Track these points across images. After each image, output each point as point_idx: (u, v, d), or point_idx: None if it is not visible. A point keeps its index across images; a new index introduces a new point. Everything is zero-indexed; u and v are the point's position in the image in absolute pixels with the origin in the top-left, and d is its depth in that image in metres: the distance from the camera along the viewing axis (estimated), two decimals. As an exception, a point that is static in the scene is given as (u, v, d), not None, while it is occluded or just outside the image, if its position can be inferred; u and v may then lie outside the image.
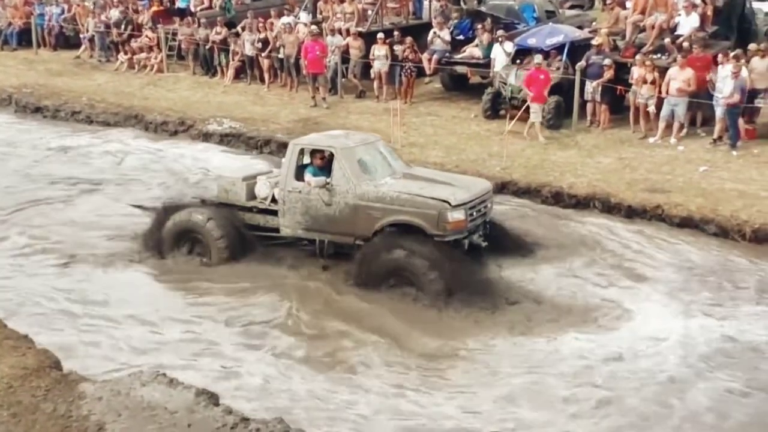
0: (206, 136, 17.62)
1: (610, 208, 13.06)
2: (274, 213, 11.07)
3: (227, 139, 17.38)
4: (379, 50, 18.93)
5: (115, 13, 24.17)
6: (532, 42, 17.64)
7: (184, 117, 18.44)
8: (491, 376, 8.72)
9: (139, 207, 13.00)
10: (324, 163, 10.84)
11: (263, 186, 11.28)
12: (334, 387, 8.48)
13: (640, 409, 8.08)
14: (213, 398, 7.29)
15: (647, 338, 9.29)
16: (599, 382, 8.51)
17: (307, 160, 11.04)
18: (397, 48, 18.99)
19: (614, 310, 9.99)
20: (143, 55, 23.19)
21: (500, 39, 17.98)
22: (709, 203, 12.67)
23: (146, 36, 23.35)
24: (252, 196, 11.33)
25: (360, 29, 20.06)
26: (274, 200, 11.13)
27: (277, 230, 11.09)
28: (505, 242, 11.28)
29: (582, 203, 13.30)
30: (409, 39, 18.96)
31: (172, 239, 11.29)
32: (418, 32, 19.86)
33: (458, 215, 10.20)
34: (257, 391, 8.38)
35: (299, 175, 10.85)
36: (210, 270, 11.00)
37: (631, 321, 9.72)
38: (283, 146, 16.36)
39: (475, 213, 10.55)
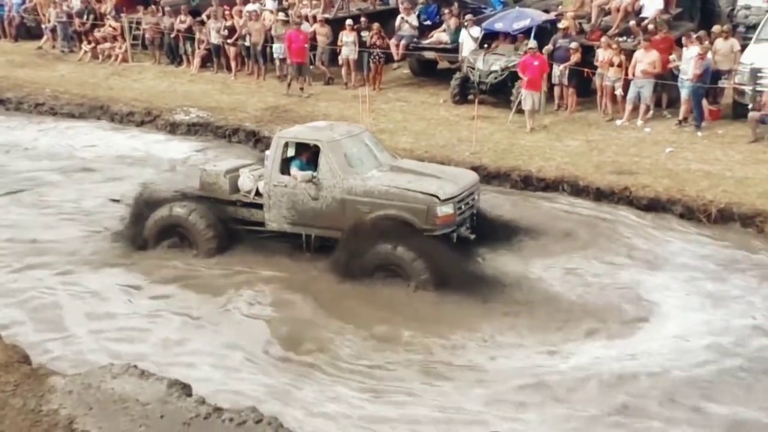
0: (173, 126, 17.44)
1: (578, 190, 13.15)
2: (259, 206, 10.93)
3: (195, 129, 17.22)
4: (346, 37, 18.85)
5: (76, 3, 23.74)
6: (499, 26, 17.67)
7: (151, 107, 18.23)
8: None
9: (116, 201, 12.76)
10: (310, 156, 10.70)
11: (246, 179, 11.15)
12: (311, 378, 8.45)
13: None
14: (186, 389, 7.26)
15: (667, 337, 9.21)
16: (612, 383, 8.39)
17: (292, 152, 10.87)
18: (365, 34, 18.91)
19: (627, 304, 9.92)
20: (107, 45, 22.87)
21: (467, 24, 18.01)
22: (676, 184, 12.81)
23: (110, 25, 23.04)
24: (235, 189, 11.20)
25: (327, 16, 19.97)
26: (258, 194, 10.99)
27: (262, 224, 10.96)
28: (492, 233, 11.20)
29: (551, 186, 13.38)
30: (376, 25, 18.89)
31: (155, 233, 11.13)
32: (386, 18, 19.83)
33: (447, 209, 10.16)
34: (231, 382, 8.35)
35: (284, 169, 10.72)
36: (190, 263, 10.87)
37: (647, 321, 9.60)
38: (251, 135, 16.43)
39: (463, 206, 10.51)
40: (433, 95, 18.39)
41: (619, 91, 15.93)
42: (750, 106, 14.73)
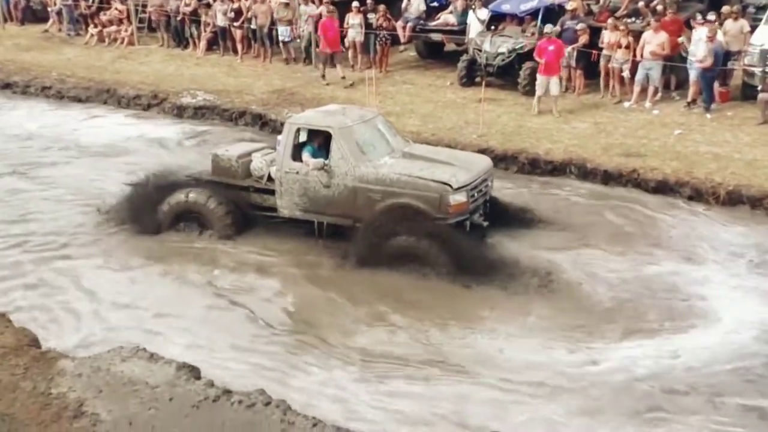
0: (180, 110, 17.43)
1: (586, 173, 13.10)
2: (271, 192, 10.86)
3: (201, 112, 17.20)
4: (353, 19, 18.77)
5: (82, -14, 23.74)
6: (506, 8, 17.55)
7: (157, 90, 18.20)
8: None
9: (131, 185, 12.71)
10: (322, 141, 10.62)
11: (259, 164, 11.10)
12: (319, 362, 8.45)
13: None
14: (194, 372, 7.31)
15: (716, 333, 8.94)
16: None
17: (304, 138, 10.80)
18: (371, 16, 18.83)
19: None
20: (113, 28, 22.83)
21: (474, 6, 17.90)
22: (684, 166, 12.75)
23: (116, 8, 23.00)
24: (247, 174, 11.16)
25: (333, -3, 19.86)
26: (270, 179, 10.94)
27: (274, 209, 10.91)
28: (507, 219, 11.09)
29: (558, 169, 13.32)
30: (382, 7, 18.80)
31: (170, 218, 11.11)
32: (392, 0, 19.69)
33: (460, 198, 10.03)
34: (240, 365, 8.35)
35: (296, 155, 10.63)
36: (201, 248, 10.85)
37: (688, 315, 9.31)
38: (258, 118, 16.40)
39: (476, 194, 10.37)
40: (440, 78, 18.32)
41: (626, 73, 15.84)
42: (759, 88, 14.62)
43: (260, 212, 11.06)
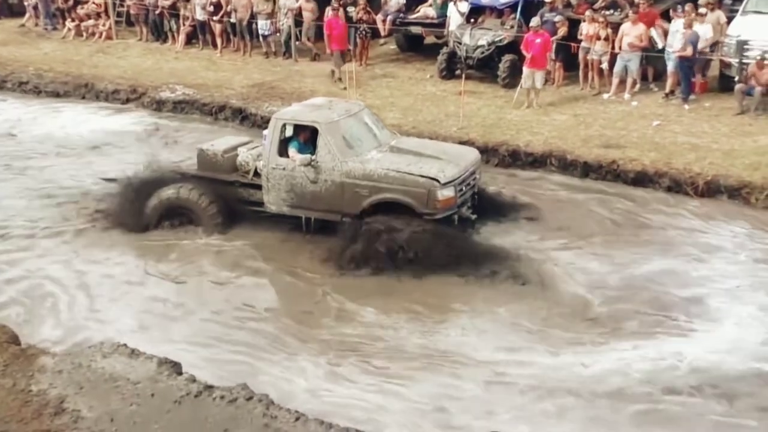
0: (159, 104, 17.33)
1: (566, 165, 13.16)
2: (258, 187, 10.81)
3: (181, 106, 17.11)
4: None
5: (59, -20, 23.51)
6: (485, 0, 17.58)
7: (136, 84, 18.09)
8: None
9: (111, 180, 12.53)
10: (308, 136, 10.57)
11: (245, 159, 11.05)
12: (300, 356, 8.46)
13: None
14: (176, 367, 7.29)
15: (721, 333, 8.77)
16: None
17: (290, 133, 10.74)
18: (351, 10, 18.80)
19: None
20: (91, 22, 22.65)
21: (453, -2, 17.92)
22: (663, 157, 12.85)
23: (93, 2, 22.82)
24: (233, 168, 11.12)
25: (313, -9, 19.82)
26: (256, 173, 10.89)
27: (261, 203, 10.85)
28: (494, 211, 11.11)
29: (539, 161, 13.38)
30: (362, 0, 18.76)
31: (158, 214, 11.02)
32: (372, -7, 19.68)
33: (448, 193, 10.03)
34: (222, 360, 8.36)
35: (283, 151, 10.59)
36: (183, 243, 10.81)
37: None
38: (238, 112, 16.34)
39: (464, 187, 10.38)
40: (420, 70, 18.33)
41: (605, 65, 15.92)
42: (736, 79, 14.75)
43: (247, 206, 11.00)
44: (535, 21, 15.77)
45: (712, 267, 10.10)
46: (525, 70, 15.45)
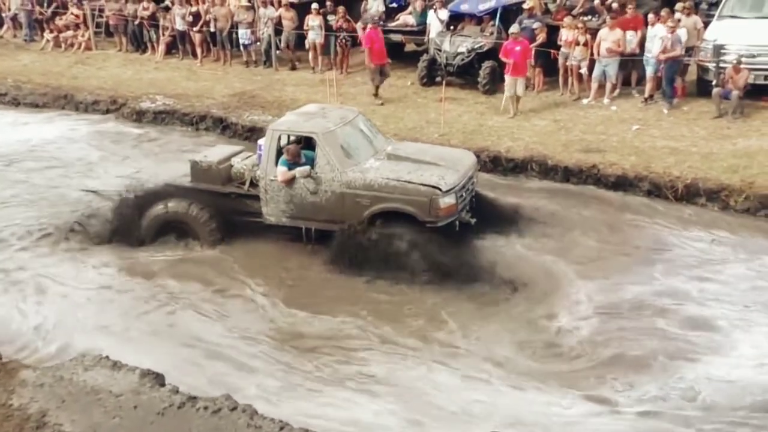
0: (139, 114, 17.26)
1: (547, 170, 13.22)
2: (255, 197, 10.68)
3: (161, 117, 17.05)
4: (312, 21, 18.75)
5: (37, -10, 23.41)
6: (465, 8, 17.67)
7: (116, 95, 18.02)
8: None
9: (93, 192, 12.49)
10: (303, 145, 10.46)
11: (240, 169, 10.97)
12: (286, 366, 8.45)
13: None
14: (159, 379, 7.25)
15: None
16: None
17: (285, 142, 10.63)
18: (331, 18, 18.83)
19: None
20: (70, 33, 22.55)
21: (434, 6, 17.97)
22: (643, 161, 12.93)
23: (72, 13, 22.71)
24: (228, 179, 11.03)
25: (292, 0, 19.81)
26: (252, 184, 10.80)
27: (258, 214, 10.72)
28: (493, 216, 11.01)
29: (520, 166, 13.42)
30: (342, 8, 18.79)
31: (154, 229, 10.86)
32: (351, 1, 19.69)
33: (449, 200, 9.97)
34: (205, 371, 8.32)
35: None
36: (170, 256, 10.72)
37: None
38: (218, 121, 16.30)
39: (464, 193, 10.36)
40: (401, 78, 18.35)
41: (584, 70, 16.03)
42: (714, 83, 14.89)
43: (244, 218, 10.84)
44: (514, 28, 15.80)
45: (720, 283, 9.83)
46: (507, 78, 15.45)
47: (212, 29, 20.07)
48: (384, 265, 9.81)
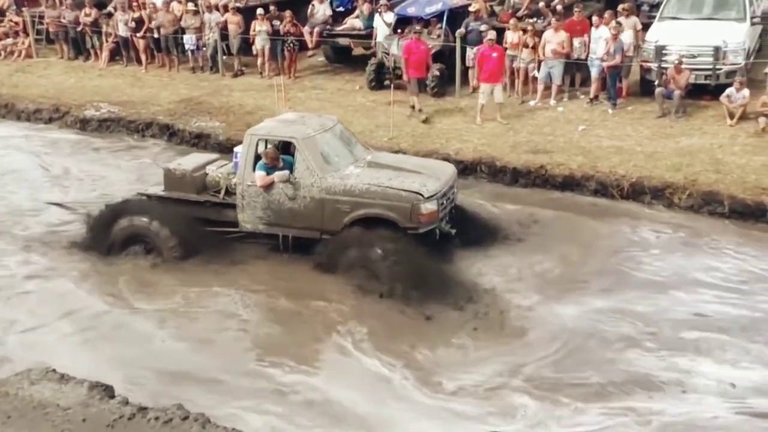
0: (83, 123, 16.95)
1: (496, 171, 13.34)
2: (230, 206, 10.49)
3: (106, 125, 16.77)
4: (259, 26, 18.62)
5: (-27, -1, 22.85)
6: (411, 11, 17.73)
7: (59, 103, 17.69)
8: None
9: (57, 205, 12.19)
10: (282, 152, 10.33)
11: (215, 177, 10.76)
12: (238, 375, 8.36)
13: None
14: (108, 390, 7.12)
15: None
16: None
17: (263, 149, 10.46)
18: (277, 23, 18.73)
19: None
20: (9, 40, 22.07)
21: (380, 9, 18.01)
22: (589, 161, 13.13)
23: (11, 20, 22.21)
24: (203, 188, 10.81)
25: (238, 5, 19.68)
26: (228, 192, 10.60)
27: (234, 224, 10.51)
28: (472, 227, 10.90)
29: (469, 168, 13.51)
30: (288, 13, 18.71)
31: (120, 241, 10.59)
32: (298, 6, 19.63)
33: (431, 206, 9.91)
34: (156, 381, 8.20)
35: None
36: (135, 267, 10.50)
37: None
38: (165, 128, 16.09)
39: (445, 201, 10.30)
40: (349, 82, 18.36)
41: (535, 72, 16.16)
42: (656, 83, 15.18)
43: (218, 227, 10.63)
44: (491, 34, 15.51)
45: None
46: (482, 85, 15.28)
47: (156, 35, 19.80)
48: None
